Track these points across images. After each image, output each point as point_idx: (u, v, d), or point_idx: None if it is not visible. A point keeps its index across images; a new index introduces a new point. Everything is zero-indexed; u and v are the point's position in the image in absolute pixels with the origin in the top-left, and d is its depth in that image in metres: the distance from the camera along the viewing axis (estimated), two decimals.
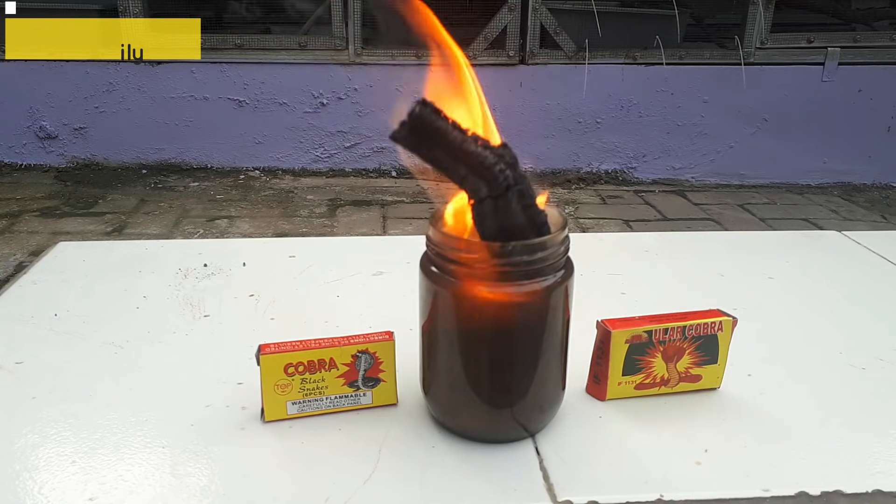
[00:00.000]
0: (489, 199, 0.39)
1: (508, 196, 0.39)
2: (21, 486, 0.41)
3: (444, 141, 0.38)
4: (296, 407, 0.47)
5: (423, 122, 0.37)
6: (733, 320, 0.49)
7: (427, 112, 0.37)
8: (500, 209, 0.40)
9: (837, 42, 2.74)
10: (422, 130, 0.37)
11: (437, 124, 0.37)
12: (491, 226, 0.40)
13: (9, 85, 2.67)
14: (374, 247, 0.82)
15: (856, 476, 0.43)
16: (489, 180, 0.39)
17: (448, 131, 0.38)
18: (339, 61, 2.71)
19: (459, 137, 0.38)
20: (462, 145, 0.38)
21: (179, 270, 0.70)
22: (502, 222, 0.40)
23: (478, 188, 0.39)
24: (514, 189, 0.39)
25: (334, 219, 2.34)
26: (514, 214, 0.40)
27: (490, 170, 0.38)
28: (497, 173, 0.38)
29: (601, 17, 2.62)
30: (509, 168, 0.39)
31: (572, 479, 0.42)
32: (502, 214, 0.40)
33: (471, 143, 0.38)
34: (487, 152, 0.38)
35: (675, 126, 2.81)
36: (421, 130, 0.37)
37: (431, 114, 0.37)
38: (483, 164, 0.38)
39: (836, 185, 2.85)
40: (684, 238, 0.89)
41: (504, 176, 0.39)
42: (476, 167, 0.38)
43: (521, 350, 0.43)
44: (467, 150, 0.38)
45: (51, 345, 0.56)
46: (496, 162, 0.38)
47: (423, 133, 0.37)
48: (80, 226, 2.22)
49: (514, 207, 0.40)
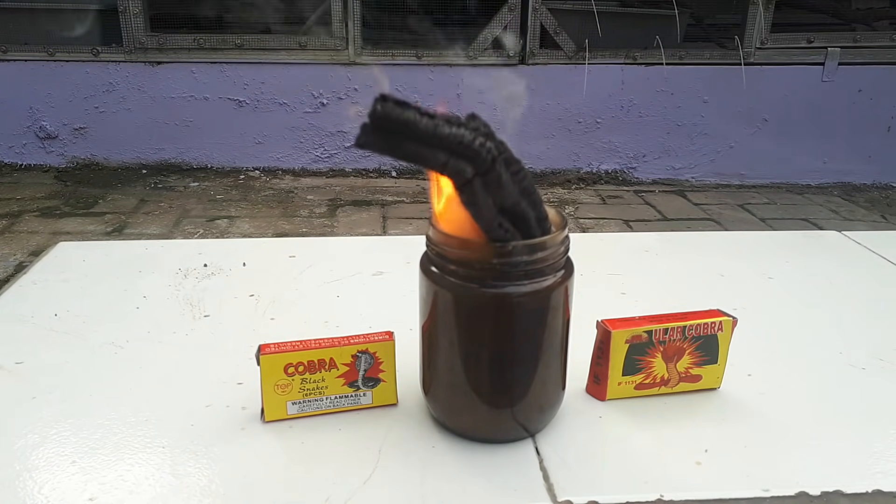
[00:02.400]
0: (477, 178, 0.37)
1: (497, 168, 0.37)
2: (21, 486, 0.41)
3: (416, 131, 0.35)
4: (296, 407, 0.47)
5: (387, 119, 0.34)
6: (733, 320, 0.49)
7: (389, 107, 0.34)
8: (492, 184, 0.37)
9: (837, 42, 2.74)
10: (388, 127, 0.35)
11: (404, 116, 0.34)
12: (486, 206, 0.38)
13: (9, 85, 2.66)
14: (374, 247, 0.81)
15: (856, 476, 0.43)
16: (473, 158, 0.36)
17: (417, 120, 0.35)
18: (339, 61, 2.71)
19: (431, 123, 0.35)
20: (436, 130, 0.35)
21: (179, 270, 0.70)
22: (497, 198, 0.38)
23: (462, 170, 0.36)
24: (501, 159, 0.37)
25: (334, 219, 2.34)
26: (506, 186, 0.38)
27: (471, 147, 0.36)
28: (479, 148, 0.36)
29: (601, 17, 2.61)
30: (488, 139, 0.36)
31: (572, 479, 0.42)
32: (495, 189, 0.37)
33: (444, 126, 0.35)
34: (463, 130, 0.36)
35: (675, 126, 2.81)
36: (387, 127, 0.35)
37: (394, 107, 0.34)
38: (462, 142, 0.36)
39: (836, 185, 2.85)
40: (684, 238, 0.89)
41: (487, 149, 0.36)
42: (456, 148, 0.36)
43: (521, 350, 0.43)
44: (442, 133, 0.35)
45: (51, 345, 0.56)
46: (474, 137, 0.36)
47: (391, 129, 0.35)
48: (80, 226, 2.22)
49: (504, 179, 0.37)
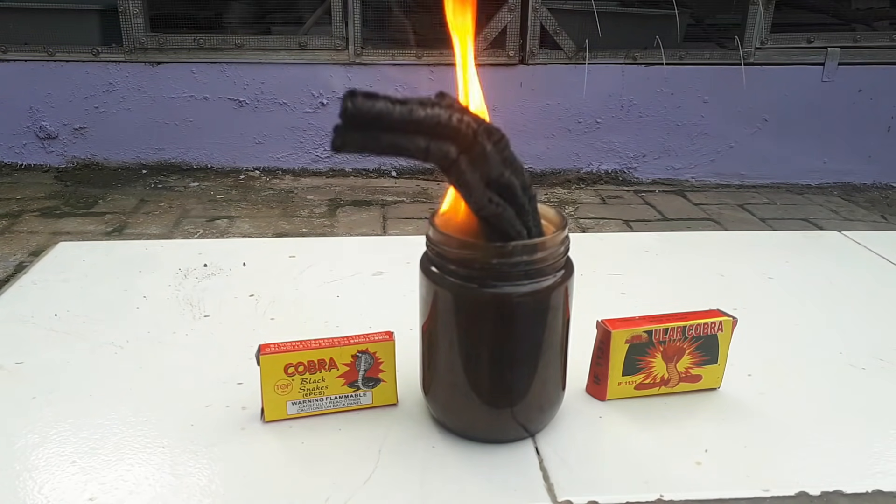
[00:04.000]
0: (463, 157, 0.36)
1: (480, 141, 0.36)
2: (21, 486, 0.41)
3: (391, 121, 0.34)
4: (296, 407, 0.47)
5: (360, 114, 0.33)
6: (733, 320, 0.49)
7: (360, 101, 0.33)
8: (478, 159, 0.36)
9: (837, 42, 2.74)
10: (363, 123, 0.33)
11: (377, 108, 0.33)
12: (475, 183, 0.37)
13: (9, 85, 2.66)
14: (374, 247, 0.81)
15: (856, 476, 0.43)
16: (454, 136, 0.35)
17: (391, 109, 0.33)
18: (339, 61, 2.71)
19: (405, 110, 0.34)
20: (411, 116, 0.34)
21: (179, 270, 0.70)
22: (485, 174, 0.37)
23: (446, 151, 0.35)
24: (482, 131, 0.36)
25: (334, 219, 2.34)
26: (491, 159, 0.37)
27: (449, 125, 0.35)
28: (458, 124, 0.35)
29: (601, 17, 2.61)
30: (464, 114, 0.35)
31: (572, 479, 0.42)
32: (482, 165, 0.36)
33: (419, 110, 0.34)
34: (439, 110, 0.34)
35: (675, 126, 2.80)
36: (362, 124, 0.34)
37: (365, 101, 0.33)
38: (441, 123, 0.34)
39: (836, 185, 2.85)
40: (684, 238, 0.89)
41: (466, 123, 0.35)
42: (435, 130, 0.35)
43: (521, 350, 0.43)
44: (418, 118, 0.34)
45: (51, 345, 0.56)
46: (450, 115, 0.35)
47: (366, 125, 0.34)
48: (80, 226, 2.22)
49: (489, 151, 0.36)
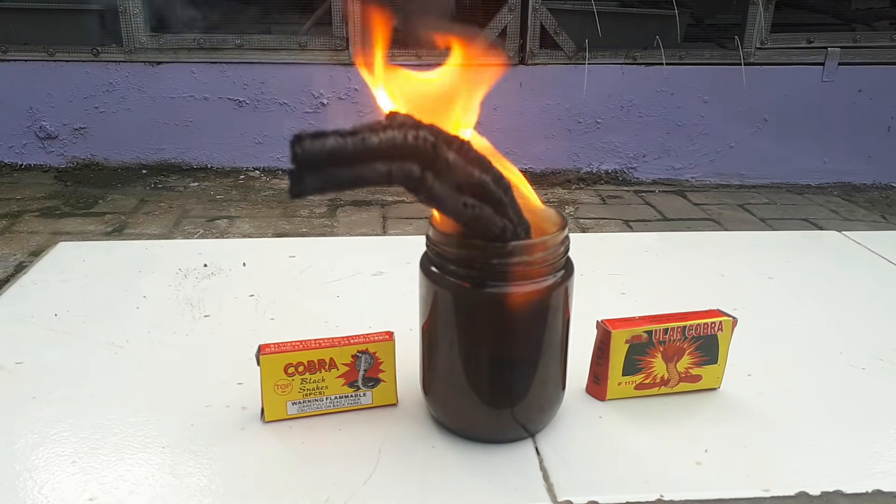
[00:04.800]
0: (427, 172, 0.35)
1: (441, 153, 0.35)
2: (21, 486, 0.41)
3: (346, 154, 0.33)
4: (296, 407, 0.47)
5: (313, 156, 0.33)
6: (733, 320, 0.49)
7: (309, 144, 0.32)
8: (443, 172, 0.36)
9: (837, 42, 2.74)
10: (318, 164, 0.33)
11: (328, 145, 0.33)
12: (446, 195, 0.36)
13: (9, 85, 2.66)
14: (374, 247, 0.81)
15: (856, 476, 0.43)
16: (413, 154, 0.35)
17: (343, 143, 0.33)
18: (339, 61, 2.71)
19: (357, 140, 0.33)
20: (366, 144, 0.33)
21: (179, 270, 0.70)
22: (451, 181, 0.36)
23: (409, 171, 0.35)
24: (440, 142, 0.35)
25: (334, 219, 2.34)
26: (456, 166, 0.36)
27: (406, 145, 0.34)
28: (415, 141, 0.34)
29: (601, 17, 2.61)
30: (417, 129, 0.35)
31: (572, 479, 0.42)
32: (448, 175, 0.36)
33: (372, 137, 0.34)
34: (392, 132, 0.34)
35: (675, 126, 2.80)
36: (317, 165, 0.33)
37: (314, 142, 0.32)
38: (397, 144, 0.34)
39: (836, 185, 2.85)
40: (684, 238, 0.89)
41: (422, 139, 0.35)
42: (392, 153, 0.34)
43: (521, 350, 0.43)
44: (373, 145, 0.33)
45: (51, 345, 0.56)
46: (404, 134, 0.34)
47: (321, 165, 0.33)
48: (80, 226, 2.22)
49: (453, 160, 0.36)
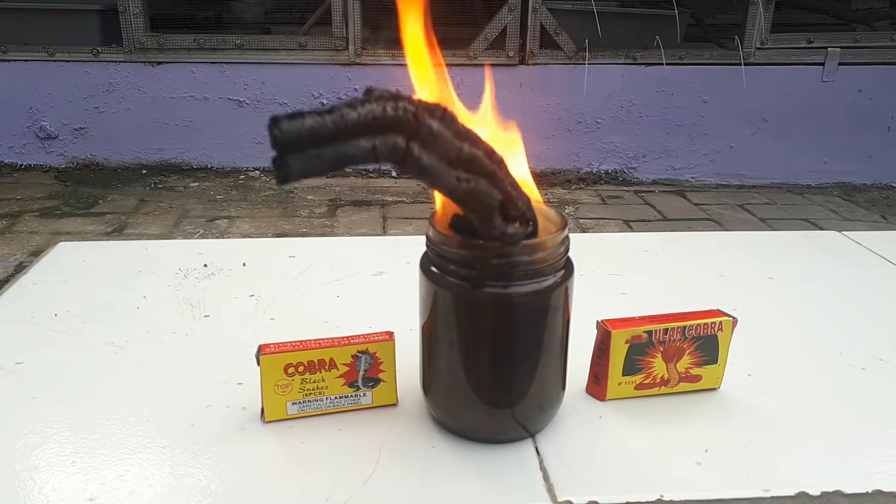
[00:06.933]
0: (412, 143, 0.34)
1: (424, 121, 0.34)
2: (21, 486, 0.41)
3: (326, 133, 0.32)
4: (296, 407, 0.47)
5: (292, 138, 0.32)
6: (733, 320, 0.49)
7: (285, 125, 0.31)
8: (428, 139, 0.34)
9: (837, 42, 2.74)
10: (298, 146, 0.32)
11: (307, 125, 0.32)
12: (436, 166, 0.35)
13: (9, 85, 2.66)
14: (374, 247, 0.81)
15: (856, 476, 0.43)
16: (395, 125, 0.34)
17: (322, 122, 0.32)
18: (339, 61, 2.71)
19: (336, 117, 0.32)
20: (345, 120, 0.32)
21: (179, 270, 0.70)
22: (442, 154, 0.35)
23: (394, 143, 0.34)
24: (421, 111, 0.34)
25: (334, 219, 2.34)
26: (441, 135, 0.35)
27: (387, 116, 0.33)
28: (395, 112, 0.33)
29: (601, 17, 2.61)
30: (398, 100, 0.34)
31: (572, 479, 0.42)
32: (433, 143, 0.35)
33: (350, 112, 0.32)
34: (372, 106, 0.33)
35: (675, 126, 2.80)
36: (297, 146, 0.32)
37: (291, 122, 0.32)
38: (377, 117, 0.33)
39: (836, 185, 2.85)
40: (684, 238, 0.89)
41: (402, 109, 0.33)
42: (374, 127, 0.33)
43: (521, 350, 0.43)
44: (353, 120, 0.32)
45: (51, 345, 0.56)
46: (383, 106, 0.33)
47: (303, 146, 0.32)
48: (80, 226, 2.22)
49: (437, 129, 0.35)
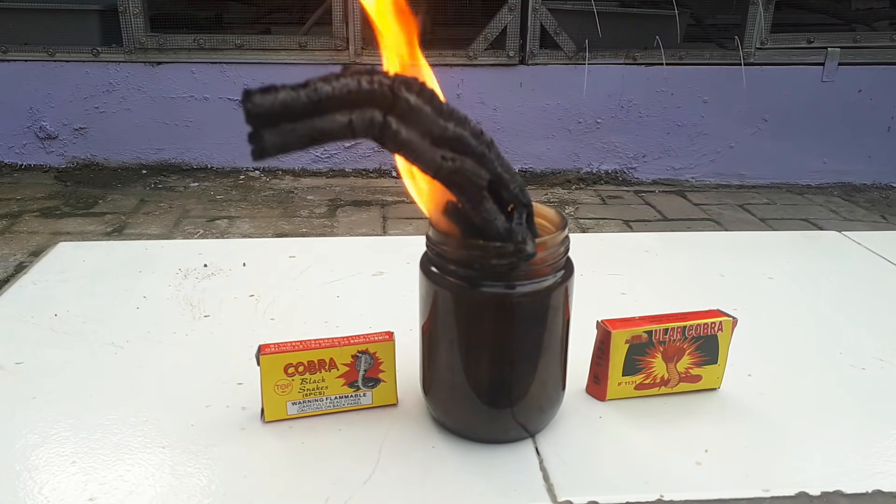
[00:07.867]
0: (390, 117, 0.33)
1: (401, 94, 0.33)
2: (21, 486, 0.41)
3: (300, 106, 0.31)
4: (296, 407, 0.47)
5: (265, 111, 0.31)
6: (733, 320, 0.49)
7: (258, 99, 0.30)
8: (406, 112, 0.33)
9: (837, 42, 2.74)
10: (272, 120, 0.31)
11: (279, 99, 0.31)
12: (417, 141, 0.34)
13: (9, 85, 2.66)
14: (374, 247, 0.81)
15: (856, 476, 0.43)
16: (371, 99, 0.33)
17: (296, 95, 0.31)
18: (339, 61, 2.70)
19: (310, 91, 0.31)
20: (319, 94, 0.31)
21: (179, 270, 0.70)
22: (424, 130, 0.34)
23: (370, 117, 0.33)
24: (397, 84, 0.33)
25: (334, 219, 2.34)
26: (420, 109, 0.34)
27: (362, 90, 0.32)
28: (371, 85, 0.32)
29: (601, 17, 2.61)
30: (373, 74, 0.33)
31: (572, 479, 0.42)
32: (412, 117, 0.34)
33: (324, 86, 0.31)
34: (346, 80, 0.32)
35: (675, 126, 2.80)
36: (271, 120, 0.31)
37: (264, 96, 0.30)
38: (352, 90, 0.32)
39: (836, 185, 2.85)
40: (684, 238, 0.89)
41: (378, 82, 0.33)
42: (349, 101, 0.32)
43: (521, 350, 0.43)
44: (327, 94, 0.31)
45: (51, 345, 0.56)
46: (358, 80, 0.32)
47: (277, 120, 0.31)
48: (80, 226, 2.22)
49: (415, 103, 0.34)
